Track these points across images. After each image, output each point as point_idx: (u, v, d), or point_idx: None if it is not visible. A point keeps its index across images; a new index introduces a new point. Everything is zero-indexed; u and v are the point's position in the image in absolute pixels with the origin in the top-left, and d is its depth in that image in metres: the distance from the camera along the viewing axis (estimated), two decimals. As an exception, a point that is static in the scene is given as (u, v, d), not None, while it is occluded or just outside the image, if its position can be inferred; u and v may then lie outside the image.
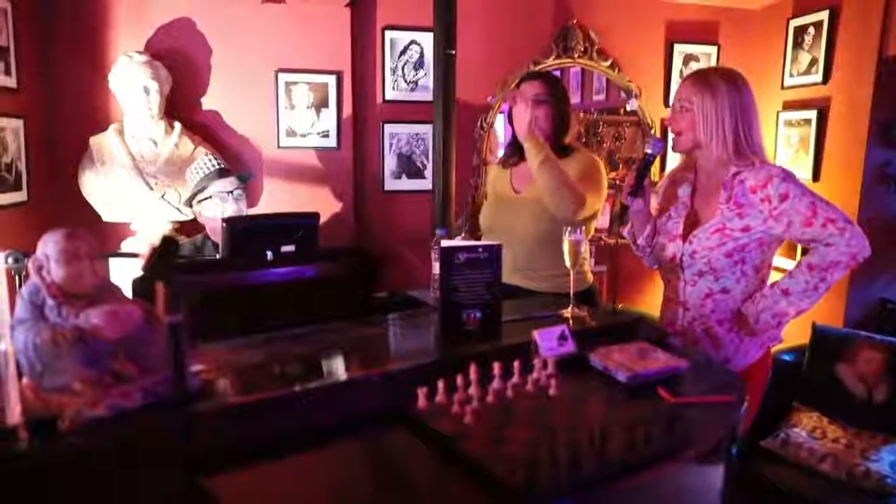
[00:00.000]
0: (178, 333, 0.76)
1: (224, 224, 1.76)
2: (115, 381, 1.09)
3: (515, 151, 2.21)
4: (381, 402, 1.24)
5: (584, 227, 1.79)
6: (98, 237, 2.73)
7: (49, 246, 1.12)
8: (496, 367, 1.29)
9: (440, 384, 1.23)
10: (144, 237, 2.75)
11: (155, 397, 1.10)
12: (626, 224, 1.94)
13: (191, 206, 2.39)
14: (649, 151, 1.80)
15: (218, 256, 2.24)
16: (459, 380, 1.25)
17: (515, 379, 1.32)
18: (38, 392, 1.06)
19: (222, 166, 2.36)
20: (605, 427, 1.16)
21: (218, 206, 2.30)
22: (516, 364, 1.32)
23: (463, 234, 3.31)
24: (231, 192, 2.31)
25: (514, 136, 2.21)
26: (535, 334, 1.44)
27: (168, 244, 0.76)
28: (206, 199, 2.32)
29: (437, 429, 1.13)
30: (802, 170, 3.19)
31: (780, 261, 2.67)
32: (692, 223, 1.78)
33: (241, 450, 1.07)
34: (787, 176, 1.64)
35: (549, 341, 1.45)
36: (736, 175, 1.68)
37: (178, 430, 0.85)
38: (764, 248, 1.70)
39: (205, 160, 2.37)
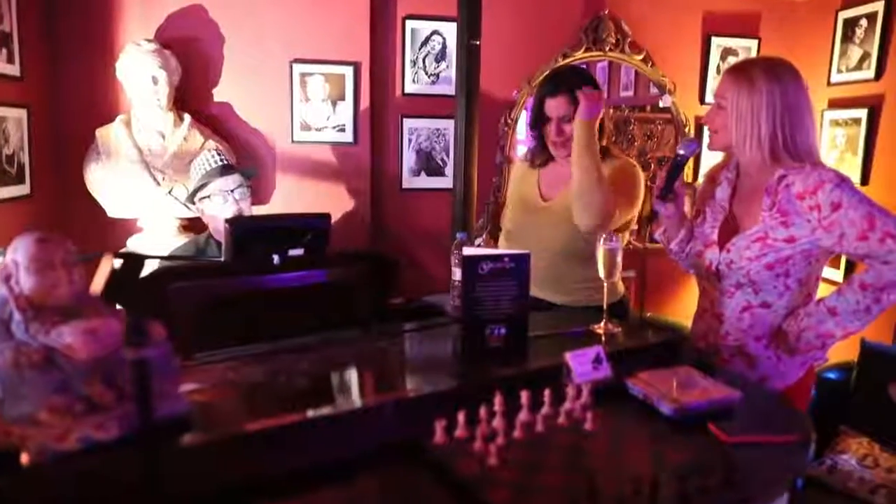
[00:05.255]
0: (143, 372, 0.61)
1: (226, 225, 1.62)
2: (89, 409, 0.95)
3: (545, 151, 2.04)
4: (393, 434, 1.09)
5: (619, 235, 1.63)
6: (103, 233, 2.66)
7: (19, 252, 0.99)
8: (524, 397, 1.14)
9: (460, 416, 1.07)
10: (151, 234, 2.64)
11: (134, 428, 0.96)
12: (658, 226, 1.77)
13: (193, 203, 2.25)
14: (682, 152, 1.62)
15: (221, 258, 2.11)
16: (483, 411, 1.10)
17: (546, 409, 1.17)
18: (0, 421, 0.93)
19: (224, 163, 2.22)
20: (651, 473, 1.00)
21: (220, 206, 2.16)
22: (547, 392, 1.17)
23: (484, 236, 3.15)
24: (232, 190, 2.17)
25: (541, 138, 2.04)
26: (568, 357, 1.28)
27: (131, 262, 0.61)
28: (206, 197, 2.19)
29: (458, 471, 0.98)
30: (850, 173, 2.97)
31: (830, 273, 2.48)
32: (730, 229, 1.61)
33: (230, 489, 0.93)
34: (842, 181, 1.44)
35: (582, 365, 1.29)
36: (782, 179, 1.50)
37: (144, 479, 0.70)
38: (811, 261, 1.52)
39: (206, 156, 2.24)
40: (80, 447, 0.91)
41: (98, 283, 0.60)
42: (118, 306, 0.58)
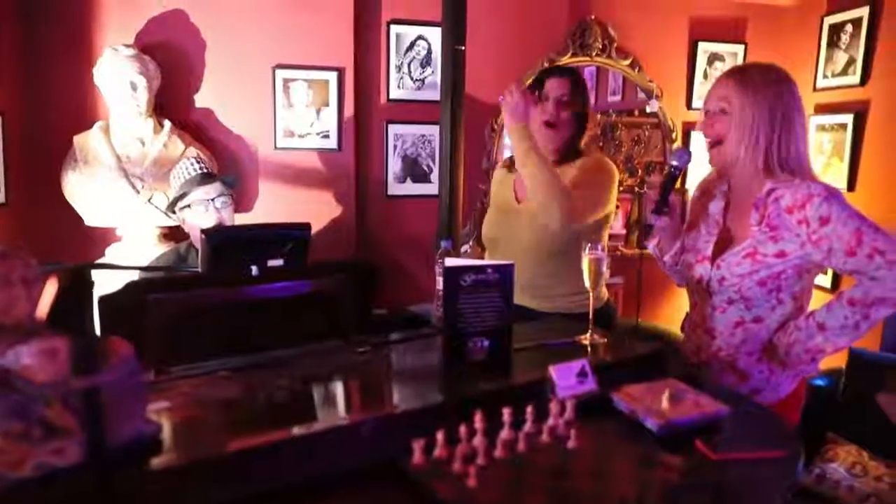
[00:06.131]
0: (93, 403, 0.57)
1: (203, 236, 1.58)
2: (48, 434, 0.90)
3: None
4: (369, 454, 1.05)
5: (603, 245, 1.59)
6: (82, 242, 2.60)
7: (-26, 268, 0.94)
8: (506, 414, 1.10)
9: (440, 436, 1.04)
10: (131, 243, 2.59)
11: (103, 451, 0.91)
12: (653, 238, 1.73)
13: (173, 213, 2.20)
14: (675, 164, 1.59)
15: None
16: (463, 429, 1.06)
17: (528, 426, 1.13)
18: (-48, 448, 0.88)
19: (205, 171, 2.17)
20: (637, 494, 0.96)
21: (201, 215, 2.11)
22: (529, 409, 1.13)
23: (470, 243, 3.13)
24: (213, 199, 2.12)
25: None
26: (552, 371, 1.25)
27: (79, 282, 0.57)
28: (186, 206, 2.13)
29: (437, 493, 0.95)
30: (836, 179, 2.98)
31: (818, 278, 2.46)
32: (724, 243, 1.57)
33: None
34: (830, 195, 1.40)
35: (566, 379, 1.26)
36: (771, 192, 1.47)
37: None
38: (803, 275, 1.50)
39: (186, 164, 2.19)
40: (37, 474, 0.86)
41: (43, 307, 0.56)
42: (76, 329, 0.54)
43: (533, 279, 1.94)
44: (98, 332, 1.34)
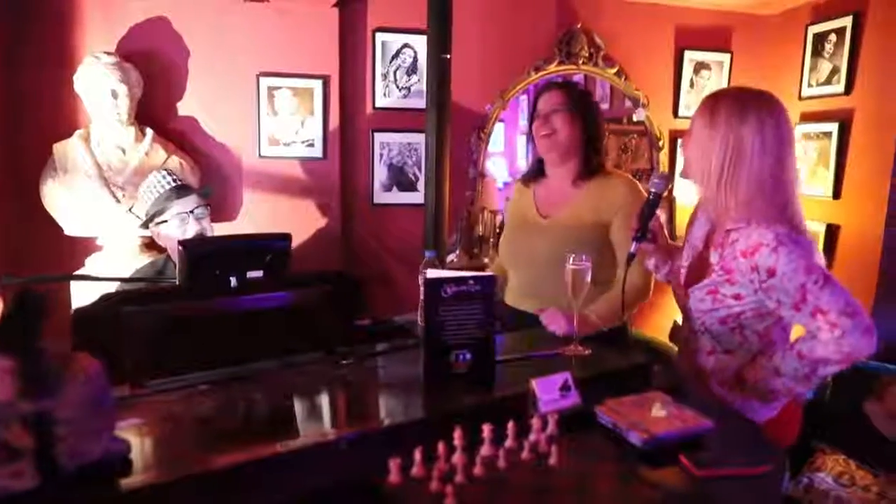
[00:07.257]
0: (44, 426, 0.54)
1: (180, 248, 1.54)
2: (8, 456, 0.87)
3: (537, 167, 2.01)
4: (344, 472, 1.03)
5: (588, 255, 1.57)
6: (61, 252, 2.56)
7: (-67, 284, 0.91)
8: (486, 430, 1.08)
9: (417, 453, 1.01)
10: (111, 253, 2.54)
11: (57, 474, 0.88)
12: (649, 258, 1.70)
13: (147, 228, 2.15)
14: (653, 190, 1.56)
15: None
16: (441, 447, 1.03)
17: (509, 442, 1.11)
18: None
19: (178, 183, 2.11)
20: (618, 513, 0.94)
21: (178, 228, 2.06)
22: (510, 425, 1.11)
23: (457, 252, 3.10)
24: (191, 211, 2.08)
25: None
26: (534, 385, 1.22)
27: (28, 302, 0.54)
28: (163, 221, 2.08)
29: (411, 515, 0.92)
30: (821, 187, 2.99)
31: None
32: (699, 272, 1.54)
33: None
34: (780, 245, 1.33)
35: (549, 392, 1.23)
36: (728, 233, 1.44)
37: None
38: (764, 316, 1.45)
39: (157, 178, 2.12)
40: (-5, 499, 0.83)
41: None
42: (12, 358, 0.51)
43: (558, 291, 1.86)
44: (72, 345, 1.31)
